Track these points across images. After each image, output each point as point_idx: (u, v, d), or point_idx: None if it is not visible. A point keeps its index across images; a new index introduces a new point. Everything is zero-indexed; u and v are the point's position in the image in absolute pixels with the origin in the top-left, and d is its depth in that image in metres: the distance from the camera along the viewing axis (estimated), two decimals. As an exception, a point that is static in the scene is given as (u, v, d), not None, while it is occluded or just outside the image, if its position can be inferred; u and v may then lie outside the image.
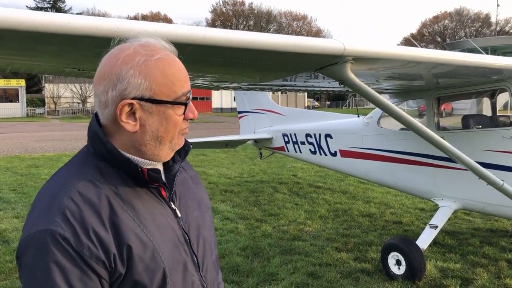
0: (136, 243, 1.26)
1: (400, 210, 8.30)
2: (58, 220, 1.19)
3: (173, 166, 1.46)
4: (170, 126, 1.34)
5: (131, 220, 1.28)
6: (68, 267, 1.17)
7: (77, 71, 3.91)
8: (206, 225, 1.53)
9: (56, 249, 1.17)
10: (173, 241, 1.36)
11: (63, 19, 2.44)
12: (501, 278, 5.16)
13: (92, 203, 1.24)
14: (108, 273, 1.22)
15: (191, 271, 1.39)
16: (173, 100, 1.32)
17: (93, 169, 1.31)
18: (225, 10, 77.37)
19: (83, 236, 1.19)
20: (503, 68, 4.61)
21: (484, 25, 70.41)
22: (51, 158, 15.62)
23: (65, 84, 51.83)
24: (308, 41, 3.42)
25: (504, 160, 4.99)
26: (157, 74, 1.30)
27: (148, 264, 1.28)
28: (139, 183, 1.34)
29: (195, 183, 1.62)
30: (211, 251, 1.52)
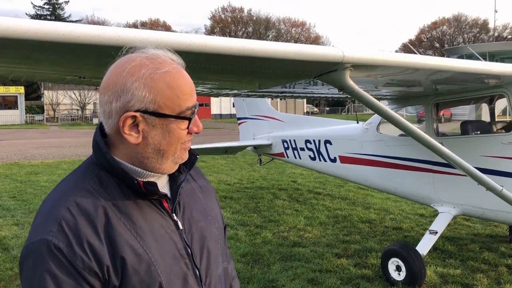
0: (131, 255, 1.25)
1: (400, 216, 8.31)
2: (54, 230, 1.21)
3: (179, 177, 1.45)
4: (173, 139, 1.33)
5: (127, 232, 1.27)
6: (61, 277, 1.18)
7: (78, 79, 3.94)
8: (212, 236, 1.49)
9: (50, 259, 1.19)
10: (172, 253, 1.34)
11: (66, 28, 2.47)
12: (501, 283, 5.17)
13: (88, 214, 1.24)
14: (101, 284, 1.22)
15: (191, 284, 1.36)
16: (177, 114, 1.31)
17: (93, 179, 1.32)
18: (224, 17, 77.63)
19: (77, 247, 1.19)
20: (501, 74, 4.65)
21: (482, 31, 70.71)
22: (50, 165, 15.62)
23: (64, 91, 51.89)
24: (308, 48, 3.45)
25: (503, 166, 5.01)
26: (162, 88, 1.29)
27: (143, 277, 1.26)
28: (139, 194, 1.33)
29: (204, 193, 1.58)
30: (216, 264, 1.48)
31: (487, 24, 69.66)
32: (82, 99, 53.06)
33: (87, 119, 50.87)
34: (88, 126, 45.66)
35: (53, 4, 67.45)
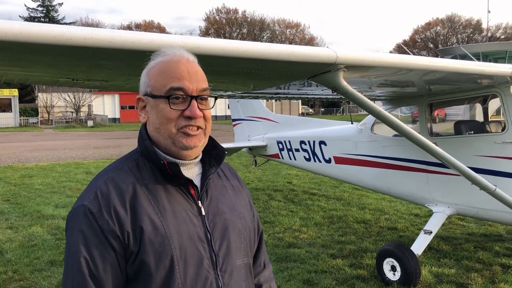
0: (149, 227, 1.41)
1: (394, 216, 8.33)
2: (91, 198, 1.44)
3: (209, 170, 1.61)
4: (162, 118, 1.50)
5: (150, 207, 1.44)
6: (89, 236, 1.39)
7: (71, 81, 3.92)
8: (235, 229, 1.59)
9: (84, 220, 1.41)
10: (190, 234, 1.47)
11: (58, 30, 2.46)
12: (495, 282, 5.19)
13: (119, 187, 1.45)
14: (123, 249, 1.40)
15: (206, 267, 1.47)
16: (163, 94, 1.49)
17: (132, 162, 1.54)
18: (218, 18, 77.65)
19: (106, 212, 1.40)
20: (493, 74, 4.68)
21: (476, 31, 71.13)
22: (45, 168, 15.55)
23: (59, 93, 51.70)
24: (301, 49, 3.46)
25: (496, 165, 5.04)
26: (156, 73, 1.52)
27: (157, 248, 1.41)
28: (169, 179, 1.51)
29: (236, 191, 1.71)
30: (236, 256, 1.57)
31: (480, 25, 70.09)
32: (77, 102, 52.87)
33: (82, 121, 50.68)
34: (82, 128, 45.51)
35: (46, 6, 67.27)
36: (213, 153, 1.65)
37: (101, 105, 56.81)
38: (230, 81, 4.55)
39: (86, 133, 37.63)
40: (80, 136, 33.34)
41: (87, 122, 49.14)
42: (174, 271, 1.42)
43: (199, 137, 1.53)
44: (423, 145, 4.58)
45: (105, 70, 3.46)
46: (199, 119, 1.52)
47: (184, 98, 1.50)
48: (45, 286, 5.21)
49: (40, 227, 7.71)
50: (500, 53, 28.25)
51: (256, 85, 4.84)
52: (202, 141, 1.55)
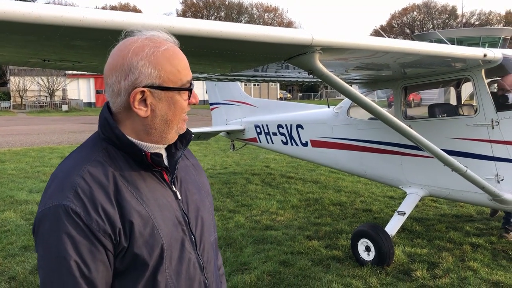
0: (138, 220, 1.39)
1: (369, 199, 8.48)
2: (70, 197, 1.33)
3: (176, 153, 1.59)
4: (177, 110, 1.48)
5: (134, 199, 1.41)
6: (78, 239, 1.31)
7: (42, 62, 3.82)
8: (205, 208, 1.64)
9: (68, 222, 1.31)
10: (172, 220, 1.48)
11: (27, 7, 2.39)
12: (465, 261, 5.35)
13: (100, 182, 1.38)
14: (113, 246, 1.36)
15: (188, 249, 1.51)
16: (179, 87, 1.46)
17: (102, 152, 1.45)
18: (195, 1, 76.59)
19: (92, 211, 1.33)
20: (466, 58, 4.75)
21: (451, 17, 72.11)
22: (18, 152, 15.22)
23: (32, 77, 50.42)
24: (277, 31, 3.44)
25: (468, 147, 5.16)
26: (165, 64, 1.43)
27: (148, 239, 1.40)
28: (143, 167, 1.48)
29: (197, 170, 1.75)
30: (209, 233, 1.63)
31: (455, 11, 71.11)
32: (51, 86, 51.69)
33: (56, 106, 49.61)
34: (57, 113, 44.57)
35: (17, -14, 65.03)
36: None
37: (76, 89, 55.68)
38: (207, 63, 4.50)
39: (60, 118, 36.89)
40: (54, 121, 32.68)
41: (62, 107, 48.13)
42: (164, 257, 1.43)
43: None
44: (398, 128, 4.64)
45: (77, 50, 3.37)
46: None
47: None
48: (19, 271, 5.14)
49: (13, 212, 7.57)
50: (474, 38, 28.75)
51: (233, 67, 4.81)
52: None
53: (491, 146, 4.99)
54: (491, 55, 4.77)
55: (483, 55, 4.70)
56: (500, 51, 5.01)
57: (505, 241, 6.01)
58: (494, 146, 4.97)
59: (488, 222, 6.88)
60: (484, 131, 5.02)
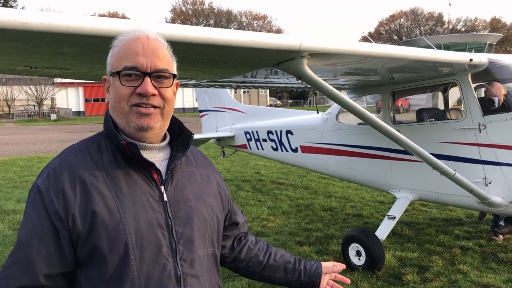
0: (103, 210, 1.38)
1: (360, 204, 8.50)
2: (43, 177, 1.44)
3: (176, 155, 1.57)
4: (116, 96, 1.47)
5: (106, 190, 1.41)
6: (33, 213, 1.40)
7: (29, 69, 3.80)
8: (200, 218, 1.54)
9: (33, 197, 1.43)
10: (148, 220, 1.43)
11: (12, 13, 2.38)
12: (455, 264, 5.38)
13: (73, 168, 1.43)
14: (67, 230, 1.38)
15: (165, 255, 1.43)
16: (116, 71, 1.46)
17: (93, 144, 1.50)
18: (184, 9, 76.74)
19: (52, 192, 1.39)
20: (452, 62, 4.80)
21: (438, 23, 72.97)
22: (6, 162, 15.04)
23: (20, 86, 50.03)
24: (265, 37, 3.46)
25: (456, 151, 5.20)
26: (114, 51, 1.49)
27: (111, 232, 1.38)
28: (130, 162, 1.47)
29: (206, 181, 1.66)
30: (199, 245, 1.52)
31: (442, 17, 71.96)
32: (39, 95, 51.32)
33: (45, 115, 49.21)
34: (45, 122, 44.19)
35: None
36: (181, 137, 1.61)
37: (65, 98, 55.33)
38: (196, 69, 4.50)
39: (49, 127, 36.57)
40: (43, 130, 32.38)
41: (50, 116, 47.74)
42: (129, 256, 1.38)
43: (154, 118, 1.46)
44: (386, 133, 4.68)
45: (65, 57, 3.36)
46: (154, 97, 1.45)
47: (138, 76, 1.44)
48: (7, 281, 5.06)
49: (1, 222, 7.47)
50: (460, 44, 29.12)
51: (222, 74, 4.82)
52: (158, 123, 1.48)
53: (479, 150, 5.03)
54: (477, 60, 4.83)
55: (469, 60, 4.76)
56: (485, 55, 5.08)
57: (494, 244, 6.05)
58: (482, 150, 5.02)
59: (477, 225, 6.92)
60: (472, 135, 5.07)
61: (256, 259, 1.88)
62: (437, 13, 73.36)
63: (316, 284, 1.91)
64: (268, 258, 1.89)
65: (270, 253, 1.91)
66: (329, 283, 1.94)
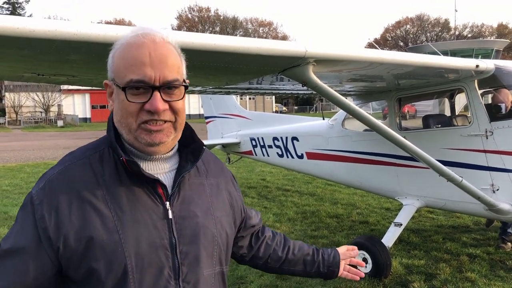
0: (101, 232, 1.27)
1: (366, 210, 8.46)
2: (40, 187, 1.33)
3: (185, 167, 1.43)
4: (122, 111, 1.33)
5: (106, 209, 1.29)
6: (20, 224, 1.31)
7: (37, 76, 3.83)
8: (207, 235, 1.41)
9: (25, 208, 1.32)
10: (151, 240, 1.31)
11: (21, 21, 2.40)
12: (462, 272, 5.33)
13: (71, 181, 1.31)
14: (53, 251, 1.27)
15: (166, 277, 1.32)
16: (121, 85, 1.31)
17: (96, 153, 1.38)
18: (191, 17, 77.16)
19: (46, 207, 1.28)
20: (459, 68, 4.79)
21: (444, 29, 72.85)
22: (12, 168, 15.13)
23: (27, 93, 50.42)
24: (271, 43, 3.47)
25: (463, 158, 5.17)
26: (117, 57, 1.33)
27: (109, 254, 1.27)
28: (133, 176, 1.34)
29: (215, 192, 1.52)
30: (205, 264, 1.41)
31: (448, 24, 71.83)
32: (46, 101, 51.67)
33: (52, 121, 49.53)
34: (52, 128, 44.46)
35: (12, 3, 65.54)
36: (192, 146, 1.47)
37: (71, 105, 55.69)
38: (202, 76, 4.52)
39: (56, 133, 36.78)
40: (49, 137, 32.56)
41: (57, 122, 48.03)
42: (128, 280, 1.28)
43: (167, 132, 1.34)
44: (393, 139, 4.66)
45: (72, 64, 3.38)
46: (165, 112, 1.31)
47: (145, 89, 1.29)
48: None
49: (7, 228, 7.49)
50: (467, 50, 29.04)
51: (228, 80, 4.83)
52: (171, 136, 1.36)
53: (486, 156, 5.00)
54: (483, 66, 4.81)
55: (475, 66, 4.74)
56: (492, 61, 5.06)
57: (502, 251, 6.00)
58: (489, 156, 4.98)
59: (485, 232, 6.86)
60: (479, 141, 5.04)
61: (275, 255, 1.84)
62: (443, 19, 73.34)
63: (334, 273, 1.91)
64: (287, 253, 1.86)
65: (289, 248, 1.88)
66: (345, 268, 1.94)
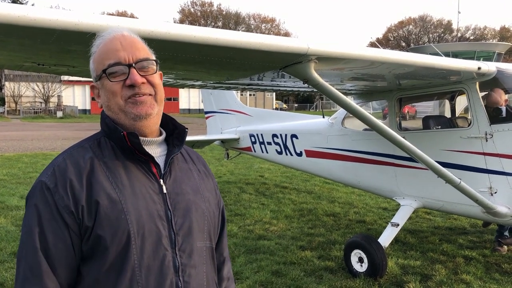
0: (105, 201, 1.42)
1: (363, 210, 8.46)
2: (49, 174, 1.46)
3: (173, 150, 1.61)
4: (109, 94, 1.52)
5: (107, 182, 1.45)
6: (43, 211, 1.41)
7: (37, 66, 3.80)
8: (198, 211, 1.58)
9: (39, 195, 1.43)
10: (149, 211, 1.46)
11: (21, 10, 2.38)
12: (458, 273, 5.33)
13: (77, 163, 1.47)
14: (77, 225, 1.41)
15: (164, 245, 1.46)
16: (102, 70, 1.51)
17: (93, 141, 1.56)
18: (193, 11, 76.99)
19: (61, 188, 1.42)
20: (461, 70, 4.78)
21: (446, 31, 72.69)
22: (11, 158, 15.11)
23: (27, 83, 50.29)
24: (273, 39, 3.46)
25: (462, 160, 5.17)
26: (96, 56, 1.55)
27: (113, 222, 1.41)
28: (129, 157, 1.51)
29: (202, 176, 1.70)
30: (198, 237, 1.55)
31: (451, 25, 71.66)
32: (46, 92, 51.56)
33: (51, 112, 49.46)
34: (51, 119, 44.40)
35: (15, -8, 65.21)
36: (175, 132, 1.65)
37: (71, 96, 55.61)
38: (203, 70, 4.50)
39: (55, 124, 36.75)
40: (48, 127, 32.54)
41: (57, 113, 47.99)
42: (131, 246, 1.41)
43: (150, 104, 1.52)
44: (392, 139, 4.65)
45: (73, 54, 3.36)
46: (144, 85, 1.51)
47: (123, 70, 1.50)
48: (8, 277, 5.07)
49: (4, 218, 7.49)
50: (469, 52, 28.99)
51: (229, 75, 4.81)
52: (155, 109, 1.54)
53: (485, 159, 5.00)
54: (485, 68, 4.80)
55: (477, 68, 4.73)
56: (494, 64, 5.05)
57: (498, 254, 6.00)
58: (488, 159, 4.98)
59: (481, 235, 6.87)
60: (478, 144, 5.03)
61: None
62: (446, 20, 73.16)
63: None
64: None
65: None
66: None
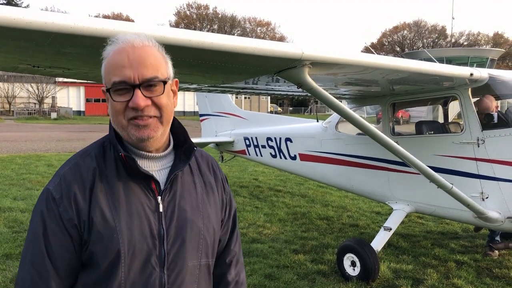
0: (99, 219, 1.43)
1: (356, 214, 8.49)
2: (56, 183, 1.48)
3: (178, 165, 1.57)
4: (112, 111, 1.49)
5: (104, 199, 1.45)
6: (49, 221, 1.44)
7: (32, 68, 3.80)
8: (193, 229, 1.54)
9: (45, 203, 1.46)
10: (142, 230, 1.46)
11: (17, 12, 2.39)
12: (449, 278, 5.37)
13: (82, 175, 1.47)
14: (79, 236, 1.44)
15: (152, 264, 1.46)
16: (107, 88, 1.47)
17: (99, 148, 1.54)
18: (189, 13, 76.94)
19: (66, 200, 1.44)
20: (453, 76, 4.83)
21: (441, 36, 73.13)
22: (4, 159, 15.02)
23: (21, 83, 50.06)
24: (267, 44, 3.48)
25: (454, 165, 5.21)
26: (105, 66, 1.49)
27: (105, 240, 1.43)
28: (130, 172, 1.49)
29: (206, 189, 1.65)
30: (190, 256, 1.53)
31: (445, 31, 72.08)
32: (40, 93, 51.33)
33: (45, 113, 49.21)
34: (46, 120, 44.20)
35: (10, -7, 64.95)
36: (184, 147, 1.62)
37: (66, 97, 55.36)
38: (199, 74, 4.52)
39: (49, 125, 36.58)
40: (42, 128, 32.40)
41: (51, 114, 47.73)
42: (120, 263, 1.43)
43: (154, 127, 1.47)
44: (385, 144, 4.69)
45: (68, 57, 3.37)
46: (148, 108, 1.44)
47: (127, 89, 1.44)
48: (0, 279, 5.05)
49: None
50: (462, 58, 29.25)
51: (224, 79, 4.83)
52: (159, 131, 1.48)
53: (477, 164, 5.04)
54: (477, 75, 4.85)
55: (469, 74, 4.78)
56: (486, 70, 5.10)
57: (489, 258, 6.05)
58: (480, 164, 5.03)
59: (473, 239, 6.92)
60: (470, 149, 5.08)
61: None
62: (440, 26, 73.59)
63: None
64: None
65: None
66: None
